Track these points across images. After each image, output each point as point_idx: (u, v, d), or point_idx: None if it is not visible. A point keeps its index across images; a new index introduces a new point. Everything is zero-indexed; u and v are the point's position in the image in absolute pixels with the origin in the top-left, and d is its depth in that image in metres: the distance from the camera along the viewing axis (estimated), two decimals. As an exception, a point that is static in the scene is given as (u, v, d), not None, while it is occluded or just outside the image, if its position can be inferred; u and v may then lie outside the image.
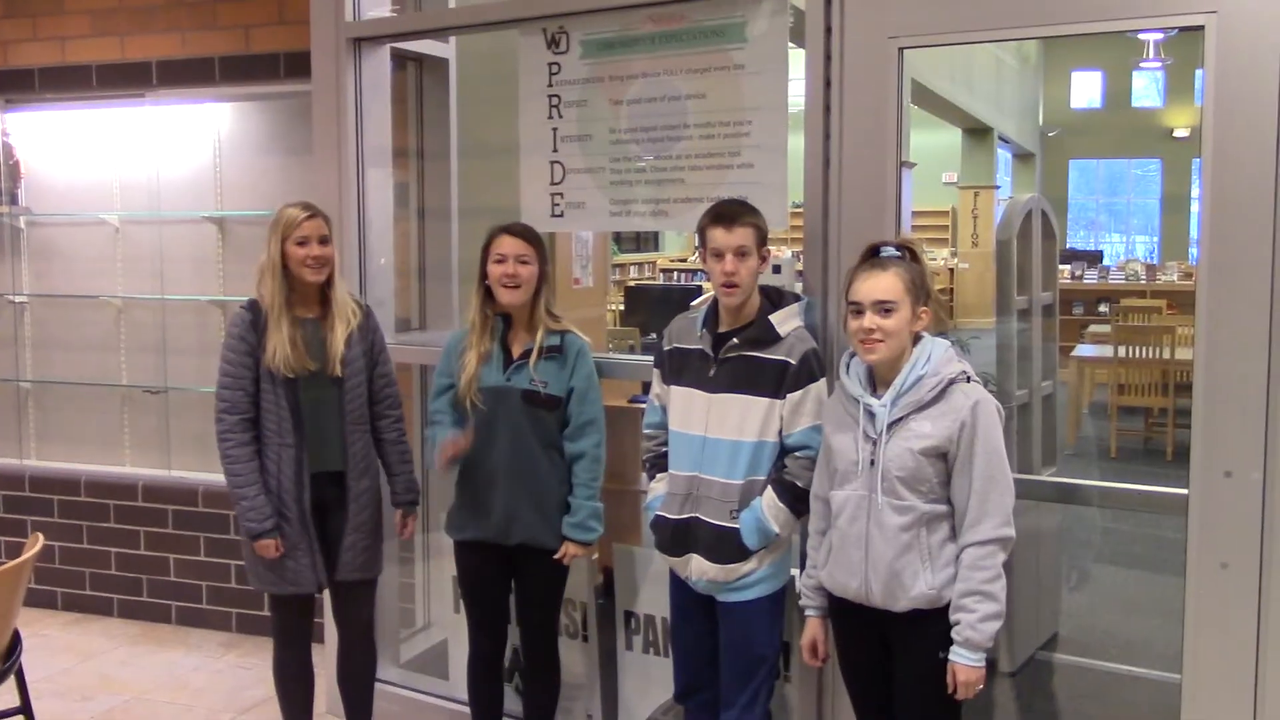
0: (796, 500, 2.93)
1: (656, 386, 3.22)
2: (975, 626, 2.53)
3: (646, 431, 3.24)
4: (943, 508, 2.61)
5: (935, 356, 2.64)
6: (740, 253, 2.91)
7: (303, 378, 3.35)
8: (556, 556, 3.34)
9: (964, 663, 2.54)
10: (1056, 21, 2.86)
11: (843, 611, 2.78)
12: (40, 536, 3.24)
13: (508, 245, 3.29)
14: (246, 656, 4.80)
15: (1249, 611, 2.69)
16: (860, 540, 2.65)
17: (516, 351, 3.35)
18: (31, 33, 5.21)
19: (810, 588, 2.88)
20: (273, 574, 3.43)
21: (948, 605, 2.59)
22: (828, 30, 3.08)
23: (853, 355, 2.75)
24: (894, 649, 2.70)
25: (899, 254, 2.69)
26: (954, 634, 2.55)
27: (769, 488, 2.95)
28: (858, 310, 2.63)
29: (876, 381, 2.70)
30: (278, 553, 3.37)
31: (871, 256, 2.71)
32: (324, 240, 3.40)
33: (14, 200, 5.43)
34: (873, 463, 2.63)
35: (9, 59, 5.27)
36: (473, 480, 3.39)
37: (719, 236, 2.93)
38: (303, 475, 3.41)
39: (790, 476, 2.94)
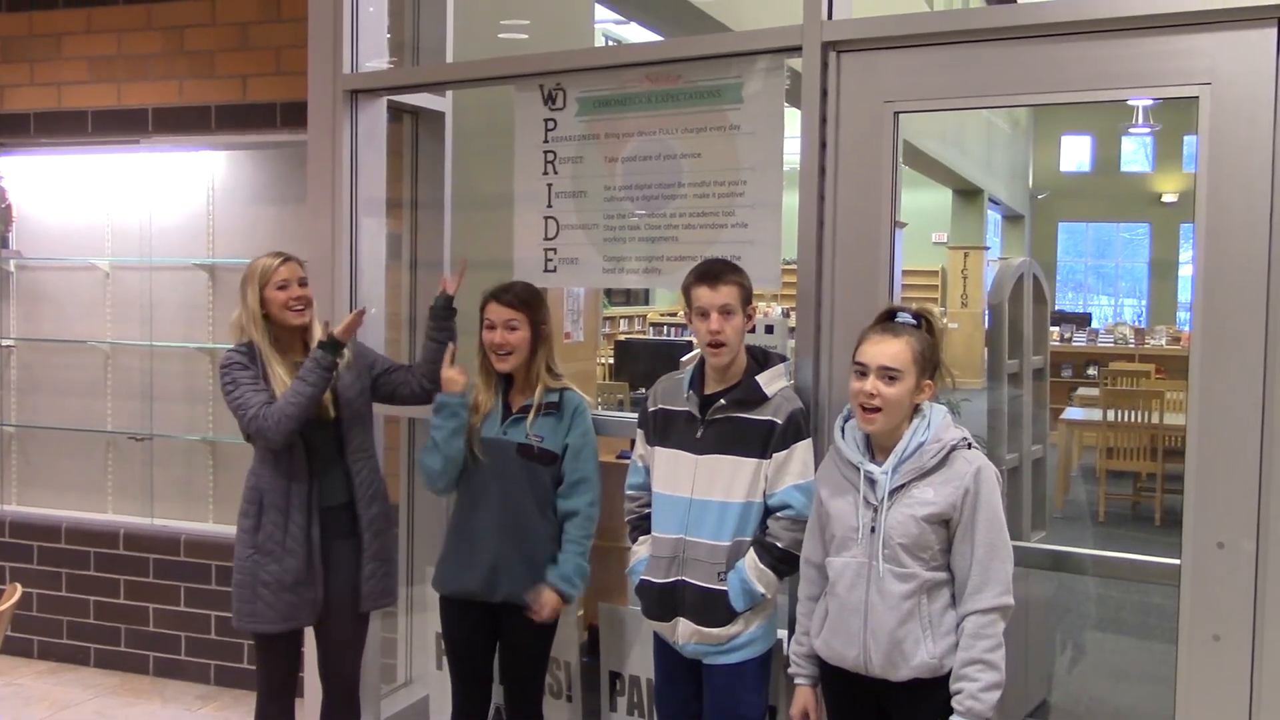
0: (778, 561, 2.90)
1: (640, 447, 3.19)
2: (977, 696, 2.50)
3: (629, 493, 3.21)
4: (943, 575, 2.59)
5: (935, 423, 2.63)
6: (725, 311, 2.91)
7: None
8: (530, 602, 3.27)
9: None
10: (1050, 90, 2.88)
11: (836, 680, 2.74)
12: (18, 587, 3.19)
13: (494, 312, 3.30)
14: (224, 710, 4.72)
15: (1241, 684, 2.67)
16: (859, 608, 2.61)
17: (515, 407, 3.34)
18: (29, 78, 5.22)
19: (801, 655, 2.83)
20: (273, 610, 3.36)
21: (948, 674, 2.55)
22: (824, 93, 3.10)
23: (848, 419, 2.73)
24: (891, 718, 2.66)
25: (914, 323, 2.68)
26: (955, 703, 2.52)
27: (750, 550, 2.92)
28: (862, 372, 2.62)
29: (874, 447, 2.68)
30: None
31: (886, 320, 2.70)
32: (303, 282, 3.41)
33: (5, 244, 5.42)
34: (873, 530, 2.60)
35: (4, 103, 5.27)
36: (463, 533, 3.36)
37: (704, 295, 2.92)
38: (312, 508, 3.38)
39: (771, 538, 2.91)
